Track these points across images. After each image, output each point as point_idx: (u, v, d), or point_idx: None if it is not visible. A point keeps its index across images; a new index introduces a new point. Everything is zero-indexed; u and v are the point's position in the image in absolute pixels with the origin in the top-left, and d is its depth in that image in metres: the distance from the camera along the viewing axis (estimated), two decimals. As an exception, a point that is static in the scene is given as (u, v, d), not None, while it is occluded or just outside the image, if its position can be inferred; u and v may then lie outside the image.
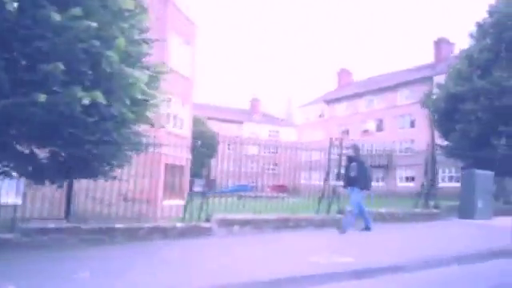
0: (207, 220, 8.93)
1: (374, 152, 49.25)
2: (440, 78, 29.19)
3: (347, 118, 52.05)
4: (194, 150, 19.27)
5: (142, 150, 9.13)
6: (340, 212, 10.68)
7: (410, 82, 43.03)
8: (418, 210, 12.21)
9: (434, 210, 12.48)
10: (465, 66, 20.67)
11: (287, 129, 65.50)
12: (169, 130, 18.01)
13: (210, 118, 60.56)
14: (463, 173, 13.03)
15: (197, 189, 12.17)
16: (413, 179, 38.91)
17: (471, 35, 22.14)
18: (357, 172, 8.53)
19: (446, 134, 21.65)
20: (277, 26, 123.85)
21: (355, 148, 9.00)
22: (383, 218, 11.31)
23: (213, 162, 57.32)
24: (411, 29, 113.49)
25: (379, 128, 47.14)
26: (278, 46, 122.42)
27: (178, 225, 8.72)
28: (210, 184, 11.20)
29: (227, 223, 8.99)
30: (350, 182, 8.67)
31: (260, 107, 68.86)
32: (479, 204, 12.59)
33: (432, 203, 12.73)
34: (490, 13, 21.26)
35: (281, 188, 50.90)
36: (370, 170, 9.03)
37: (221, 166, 12.60)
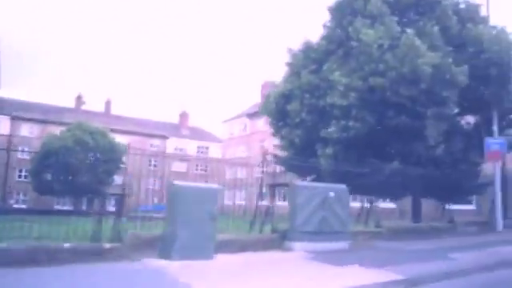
0: None
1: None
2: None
3: (267, 133, 48.21)
4: None
5: None
6: None
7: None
8: (67, 246, 7.80)
9: (107, 245, 8.11)
10: (299, 60, 16.85)
11: (218, 144, 61.28)
12: None
13: (129, 132, 55.98)
14: (168, 187, 8.81)
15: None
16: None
17: (324, 25, 18.35)
18: None
19: (280, 141, 17.70)
20: (211, 40, 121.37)
21: None
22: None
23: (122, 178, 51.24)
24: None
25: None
26: (212, 58, 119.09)
27: None
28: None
29: None
30: None
31: (189, 121, 64.59)
32: (183, 235, 8.30)
33: (118, 235, 8.42)
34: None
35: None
36: None
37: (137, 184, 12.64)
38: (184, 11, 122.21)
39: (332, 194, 10.24)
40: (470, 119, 18.31)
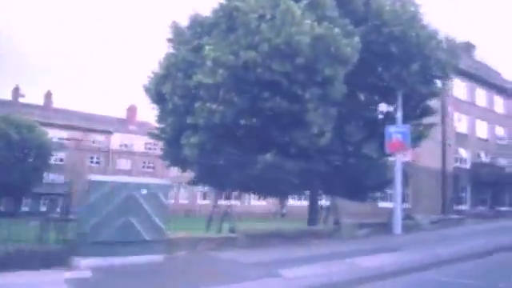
0: None
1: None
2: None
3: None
4: None
5: None
6: None
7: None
8: None
9: None
10: (182, 35, 14.35)
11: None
12: None
13: (69, 127, 52.33)
14: None
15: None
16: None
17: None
18: None
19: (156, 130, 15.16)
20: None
21: None
22: None
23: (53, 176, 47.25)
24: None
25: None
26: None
27: None
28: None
29: None
30: None
31: (138, 116, 61.12)
32: None
33: None
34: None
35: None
36: None
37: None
38: (134, 5, 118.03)
39: (144, 191, 7.80)
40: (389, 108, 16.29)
